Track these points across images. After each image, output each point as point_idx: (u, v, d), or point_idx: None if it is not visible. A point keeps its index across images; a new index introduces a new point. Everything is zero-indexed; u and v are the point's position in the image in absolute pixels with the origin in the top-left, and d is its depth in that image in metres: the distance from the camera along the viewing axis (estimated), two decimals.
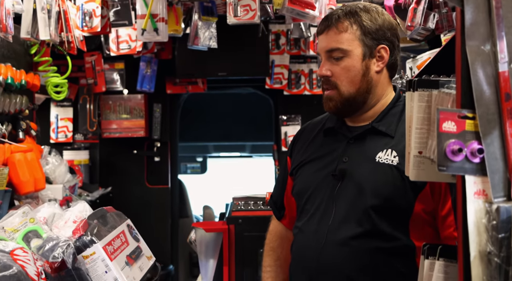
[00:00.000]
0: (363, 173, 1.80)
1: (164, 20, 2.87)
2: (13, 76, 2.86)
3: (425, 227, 1.77)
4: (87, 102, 4.66)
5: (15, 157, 2.82)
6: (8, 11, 2.40)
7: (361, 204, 1.77)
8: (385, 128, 1.83)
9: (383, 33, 1.85)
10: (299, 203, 1.93)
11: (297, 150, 2.02)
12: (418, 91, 1.31)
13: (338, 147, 1.87)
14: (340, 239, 1.77)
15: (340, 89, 1.83)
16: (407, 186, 1.73)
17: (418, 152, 1.30)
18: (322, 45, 1.86)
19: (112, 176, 4.78)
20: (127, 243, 1.77)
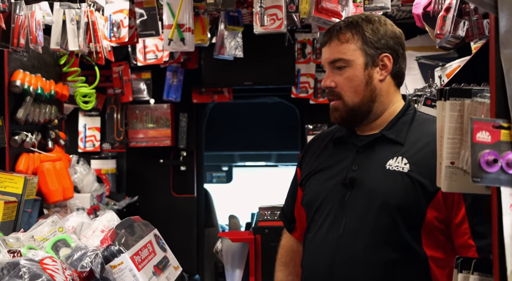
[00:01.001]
0: (373, 181, 1.78)
1: (191, 30, 2.89)
2: (43, 86, 2.91)
3: (438, 235, 1.75)
4: (114, 112, 4.71)
5: (44, 166, 2.86)
6: (39, 23, 2.44)
7: (372, 213, 1.75)
8: (395, 136, 1.83)
9: (385, 42, 1.86)
10: (308, 214, 1.91)
11: (307, 161, 2.01)
12: (449, 100, 1.28)
13: (348, 156, 1.87)
14: (351, 251, 1.74)
15: (345, 99, 1.84)
16: (419, 193, 1.72)
17: (450, 162, 1.27)
18: (325, 56, 1.88)
19: (139, 185, 4.81)
20: (154, 253, 1.77)
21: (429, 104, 2.60)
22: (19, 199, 2.33)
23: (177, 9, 2.84)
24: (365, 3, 2.73)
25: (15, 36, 2.23)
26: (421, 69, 4.05)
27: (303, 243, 1.94)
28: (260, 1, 2.66)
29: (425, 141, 1.79)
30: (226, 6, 2.65)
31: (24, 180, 2.35)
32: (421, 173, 1.74)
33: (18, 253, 1.56)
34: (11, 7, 2.18)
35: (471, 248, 1.68)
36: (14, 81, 2.68)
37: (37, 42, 2.43)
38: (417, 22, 2.57)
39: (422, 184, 1.73)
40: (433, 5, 2.36)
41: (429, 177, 1.70)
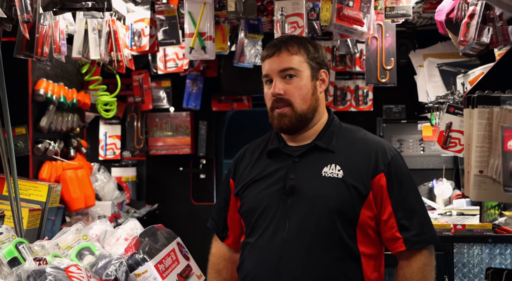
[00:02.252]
0: (311, 187, 1.93)
1: (212, 38, 2.90)
2: (65, 95, 2.94)
3: (370, 232, 1.94)
4: (134, 120, 4.74)
5: (66, 174, 2.88)
6: (62, 32, 2.47)
7: (313, 217, 1.90)
8: (327, 145, 1.99)
9: (323, 59, 2.06)
10: (249, 221, 2.02)
11: (241, 172, 2.12)
12: (478, 107, 1.27)
13: (284, 166, 2.00)
14: (296, 253, 1.89)
15: (294, 106, 1.97)
16: (353, 196, 1.90)
17: (479, 171, 1.25)
18: (274, 66, 2.00)
19: (159, 193, 4.82)
20: (178, 262, 1.76)
21: (452, 112, 2.57)
22: (43, 207, 2.36)
23: (199, 18, 2.85)
24: (387, 10, 2.73)
25: (39, 46, 2.25)
26: (442, 76, 4.02)
27: (243, 247, 2.05)
28: (281, 9, 2.67)
29: (354, 148, 1.99)
30: (247, 14, 2.66)
31: (48, 188, 2.37)
32: (354, 177, 1.92)
33: (43, 261, 1.57)
34: (36, 17, 2.21)
35: (398, 240, 1.91)
36: (37, 90, 2.71)
37: (61, 52, 2.45)
38: (439, 29, 2.55)
39: (356, 188, 1.91)
40: (456, 11, 2.34)
41: (361, 180, 1.91)
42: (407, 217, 1.92)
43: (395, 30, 3.11)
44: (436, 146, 2.65)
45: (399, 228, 1.91)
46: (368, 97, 4.53)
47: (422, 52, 4.30)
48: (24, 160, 2.65)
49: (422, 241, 1.92)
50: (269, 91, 2.01)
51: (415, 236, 1.91)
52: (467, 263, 2.96)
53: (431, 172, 4.48)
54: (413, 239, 1.90)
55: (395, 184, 1.94)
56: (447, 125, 2.63)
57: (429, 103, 3.49)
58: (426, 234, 1.93)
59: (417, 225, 1.92)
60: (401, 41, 4.18)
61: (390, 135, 4.58)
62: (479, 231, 2.99)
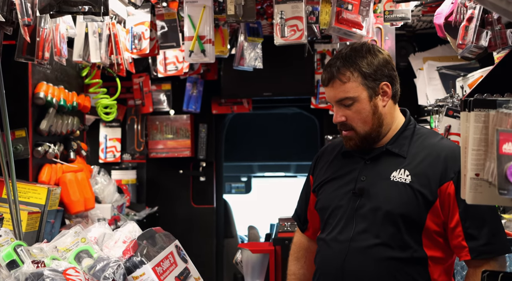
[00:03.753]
0: (380, 190, 1.99)
1: (211, 42, 2.90)
2: (65, 98, 2.95)
3: (436, 238, 1.95)
4: (134, 123, 4.75)
5: (66, 177, 2.89)
6: (63, 36, 2.48)
7: (378, 219, 1.96)
8: (398, 150, 2.02)
9: (381, 72, 2.02)
10: (322, 217, 2.13)
11: (319, 170, 2.22)
12: (474, 111, 1.27)
13: (356, 168, 2.07)
14: (360, 249, 1.96)
15: (357, 129, 2.02)
16: (420, 202, 1.92)
17: (475, 174, 1.26)
18: (330, 95, 2.04)
19: (159, 195, 4.83)
20: (176, 264, 1.77)
21: (451, 115, 2.58)
22: (42, 209, 2.36)
23: (198, 21, 2.86)
24: (386, 13, 2.73)
25: (39, 49, 2.26)
26: (442, 79, 4.02)
27: (318, 242, 2.15)
28: (281, 13, 2.67)
29: (425, 153, 1.99)
30: (247, 18, 2.66)
31: (48, 191, 2.37)
32: (421, 183, 1.93)
33: (42, 264, 1.57)
34: (36, 20, 2.22)
35: (464, 249, 1.90)
36: (38, 93, 2.72)
37: (61, 55, 2.47)
38: (438, 32, 2.55)
39: (423, 194, 1.92)
40: (455, 15, 2.34)
41: (429, 187, 1.92)
42: (475, 226, 1.88)
43: (395, 33, 3.12)
44: None
45: (465, 237, 1.89)
46: None
47: (422, 55, 4.30)
48: (24, 163, 2.66)
49: (489, 252, 1.88)
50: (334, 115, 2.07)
51: (482, 246, 1.88)
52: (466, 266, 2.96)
53: None
54: (479, 249, 1.88)
55: None
56: (446, 128, 2.63)
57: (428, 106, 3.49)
58: (494, 244, 1.89)
59: (485, 235, 1.88)
60: (400, 44, 4.19)
61: None
62: None
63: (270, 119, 6.43)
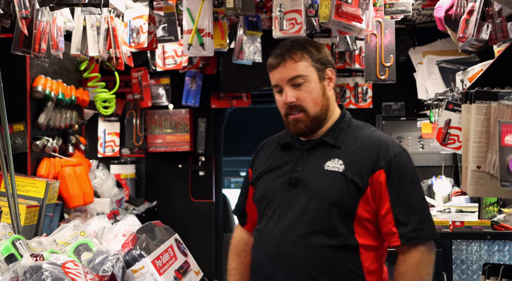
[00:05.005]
0: (314, 180, 2.05)
1: (210, 35, 2.89)
2: (64, 92, 2.93)
3: (367, 225, 2.02)
4: (133, 117, 4.73)
5: (65, 171, 2.88)
6: (60, 29, 2.46)
7: (313, 207, 2.01)
8: (334, 141, 2.10)
9: (326, 58, 2.15)
10: (259, 209, 2.18)
11: (258, 163, 2.27)
12: (475, 103, 1.26)
13: (293, 159, 2.13)
14: (294, 238, 2.01)
15: (307, 110, 2.07)
16: (352, 190, 2.00)
17: (477, 166, 1.25)
18: (282, 75, 2.09)
19: (158, 190, 4.82)
20: (175, 258, 1.76)
21: (451, 108, 2.57)
22: (41, 203, 2.35)
23: (197, 14, 2.84)
24: (386, 7, 2.72)
25: (36, 42, 2.25)
26: (442, 73, 4.01)
27: (254, 233, 2.20)
28: (280, 6, 2.66)
29: (358, 144, 2.08)
30: (245, 11, 2.65)
31: (46, 185, 2.36)
32: (354, 172, 2.01)
33: (40, 257, 1.56)
34: (33, 13, 2.20)
35: (394, 234, 1.98)
36: (36, 86, 2.71)
37: (58, 48, 2.45)
38: (438, 25, 2.54)
39: (355, 182, 2.00)
40: (455, 8, 2.33)
41: (361, 175, 2.01)
42: (405, 213, 1.98)
43: (394, 27, 3.11)
44: (435, 143, 2.65)
45: (395, 223, 1.98)
46: (367, 94, 4.52)
47: (422, 49, 4.29)
48: (22, 157, 2.65)
49: (418, 237, 1.97)
50: (280, 99, 2.11)
51: (411, 232, 1.96)
52: (466, 259, 2.96)
53: (430, 169, 4.48)
54: (408, 234, 1.96)
55: (395, 181, 1.99)
56: (446, 122, 2.63)
57: (428, 100, 3.49)
58: (423, 230, 1.98)
59: (415, 221, 1.97)
60: (400, 38, 4.18)
61: (389, 132, 4.57)
62: (477, 228, 2.99)
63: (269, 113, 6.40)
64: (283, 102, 2.09)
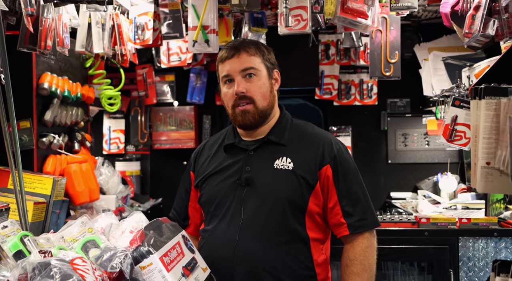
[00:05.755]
0: (265, 178, 2.11)
1: (215, 32, 2.89)
2: (69, 89, 2.94)
3: (317, 219, 2.13)
4: (138, 114, 4.74)
5: (71, 168, 2.88)
6: (66, 26, 2.46)
7: (266, 206, 2.08)
8: (279, 139, 2.17)
9: (274, 60, 2.26)
10: (208, 210, 2.20)
11: (200, 165, 2.30)
12: (485, 99, 1.26)
13: (240, 159, 2.18)
14: (250, 236, 2.06)
15: (256, 103, 2.14)
16: (302, 186, 2.09)
17: (486, 163, 1.25)
18: (235, 66, 2.15)
19: (163, 187, 4.82)
20: (183, 254, 1.76)
21: (457, 105, 2.56)
22: (48, 200, 2.36)
23: (202, 11, 2.84)
24: (392, 2, 2.71)
25: (42, 39, 2.25)
26: (447, 69, 4.00)
27: (202, 234, 2.22)
28: (285, 2, 2.65)
29: (303, 141, 2.17)
30: (251, 7, 2.64)
31: (53, 181, 2.37)
32: (303, 169, 2.10)
33: (49, 254, 1.57)
34: (39, 10, 2.20)
35: (343, 225, 2.11)
36: (42, 83, 2.71)
37: (64, 45, 2.45)
38: (444, 21, 2.53)
39: (305, 178, 2.09)
40: (462, 4, 2.32)
41: (309, 171, 2.10)
42: (351, 205, 2.11)
43: (400, 23, 3.10)
44: (441, 139, 2.64)
45: (343, 215, 2.11)
46: (372, 91, 4.52)
47: (427, 46, 4.28)
48: (28, 154, 2.65)
49: (364, 226, 2.11)
50: (230, 90, 2.16)
51: (358, 221, 2.11)
52: (472, 256, 2.96)
53: (436, 166, 4.48)
54: (355, 224, 2.10)
55: (340, 175, 2.12)
56: (452, 118, 2.61)
57: (434, 97, 3.47)
58: (367, 219, 2.12)
59: (359, 211, 2.11)
60: (406, 35, 4.17)
61: (395, 129, 4.57)
62: (484, 224, 2.98)
63: None
64: (233, 93, 2.13)
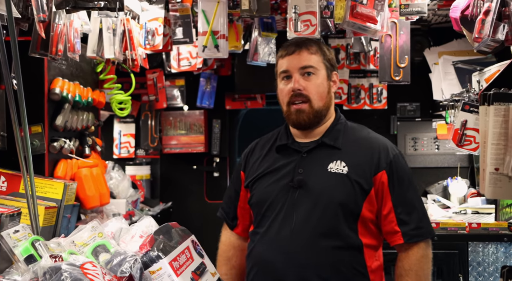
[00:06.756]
0: (318, 181, 2.07)
1: (225, 37, 2.91)
2: (80, 93, 2.96)
3: (370, 225, 2.08)
4: (148, 118, 4.76)
5: (81, 172, 2.90)
6: (77, 31, 2.49)
7: (318, 209, 2.03)
8: (333, 142, 2.13)
9: (334, 62, 2.21)
10: (258, 212, 2.16)
11: (251, 165, 2.25)
12: (494, 105, 1.26)
13: (292, 161, 2.13)
14: (302, 241, 2.03)
15: (312, 102, 2.10)
16: (357, 191, 2.04)
17: (495, 169, 1.25)
18: (294, 62, 2.12)
19: (172, 191, 4.84)
20: (192, 259, 1.77)
21: (467, 110, 2.55)
22: (59, 204, 2.38)
23: (212, 16, 2.86)
24: (401, 7, 2.71)
25: (53, 44, 2.27)
26: (457, 74, 3.99)
27: (252, 236, 2.19)
28: (294, 7, 2.66)
29: (358, 145, 2.12)
30: (261, 13, 2.66)
31: (64, 186, 2.39)
32: (357, 173, 2.05)
33: (59, 258, 1.58)
34: (51, 16, 2.23)
35: (397, 233, 2.05)
36: (53, 88, 2.74)
37: (75, 50, 2.48)
38: (454, 26, 2.53)
39: (359, 183, 2.04)
40: (471, 8, 2.32)
41: (364, 176, 2.05)
42: (406, 212, 2.05)
43: (410, 28, 3.10)
44: (451, 144, 2.63)
45: (398, 222, 2.05)
46: (382, 95, 4.51)
47: (437, 50, 4.27)
48: (40, 158, 2.68)
49: (419, 235, 2.05)
50: (286, 87, 2.12)
51: (413, 230, 2.04)
52: (482, 261, 2.94)
53: (445, 171, 4.46)
54: (411, 232, 2.04)
55: (395, 181, 2.07)
56: (462, 123, 2.61)
57: (444, 101, 3.46)
58: (423, 228, 2.06)
59: (415, 220, 2.05)
60: (416, 39, 4.16)
61: (404, 133, 4.56)
62: (494, 229, 2.97)
63: None
64: (289, 89, 2.11)
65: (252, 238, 2.18)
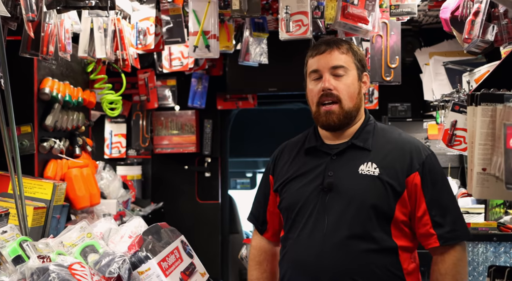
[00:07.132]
0: (349, 184, 2.02)
1: (216, 37, 2.90)
2: (71, 93, 2.95)
3: (403, 227, 2.02)
4: (140, 118, 4.75)
5: (71, 172, 2.89)
6: (67, 31, 2.48)
7: (350, 212, 1.98)
8: (363, 144, 2.07)
9: (365, 63, 2.16)
10: (289, 216, 2.11)
11: (280, 169, 2.20)
12: (481, 105, 1.26)
13: (322, 163, 2.08)
14: (335, 244, 1.98)
15: (343, 102, 2.05)
16: (389, 194, 1.99)
17: (482, 169, 1.25)
18: (325, 61, 2.07)
19: (164, 191, 4.83)
20: (181, 259, 1.77)
21: (457, 110, 2.56)
22: (48, 205, 2.37)
23: (203, 16, 2.85)
24: (392, 8, 2.72)
25: (44, 44, 2.26)
26: (448, 74, 4.01)
27: (284, 242, 2.14)
28: (286, 7, 2.66)
29: (389, 147, 2.07)
30: (252, 13, 2.65)
31: (53, 186, 2.38)
32: (389, 175, 2.00)
33: (47, 259, 1.57)
34: (41, 15, 2.22)
35: (432, 236, 1.99)
36: (43, 88, 2.72)
37: (66, 50, 2.47)
38: (444, 26, 2.54)
39: (391, 185, 1.99)
40: (461, 9, 2.33)
41: (397, 178, 1.99)
42: (441, 214, 1.99)
43: (400, 28, 3.11)
44: (441, 144, 2.64)
45: (433, 225, 1.99)
46: (373, 95, 4.52)
47: (428, 50, 4.29)
48: (29, 159, 2.66)
49: (455, 237, 1.98)
50: (316, 87, 2.07)
51: (449, 233, 1.98)
52: (472, 261, 2.95)
53: None
54: (446, 235, 1.98)
55: (429, 183, 2.00)
56: (452, 123, 2.62)
57: (434, 101, 3.48)
58: (459, 230, 2.00)
59: (450, 222, 1.99)
60: (407, 39, 4.17)
61: None
62: (484, 229, 2.98)
63: (275, 115, 6.41)
64: (320, 89, 2.05)
65: (284, 243, 2.14)
